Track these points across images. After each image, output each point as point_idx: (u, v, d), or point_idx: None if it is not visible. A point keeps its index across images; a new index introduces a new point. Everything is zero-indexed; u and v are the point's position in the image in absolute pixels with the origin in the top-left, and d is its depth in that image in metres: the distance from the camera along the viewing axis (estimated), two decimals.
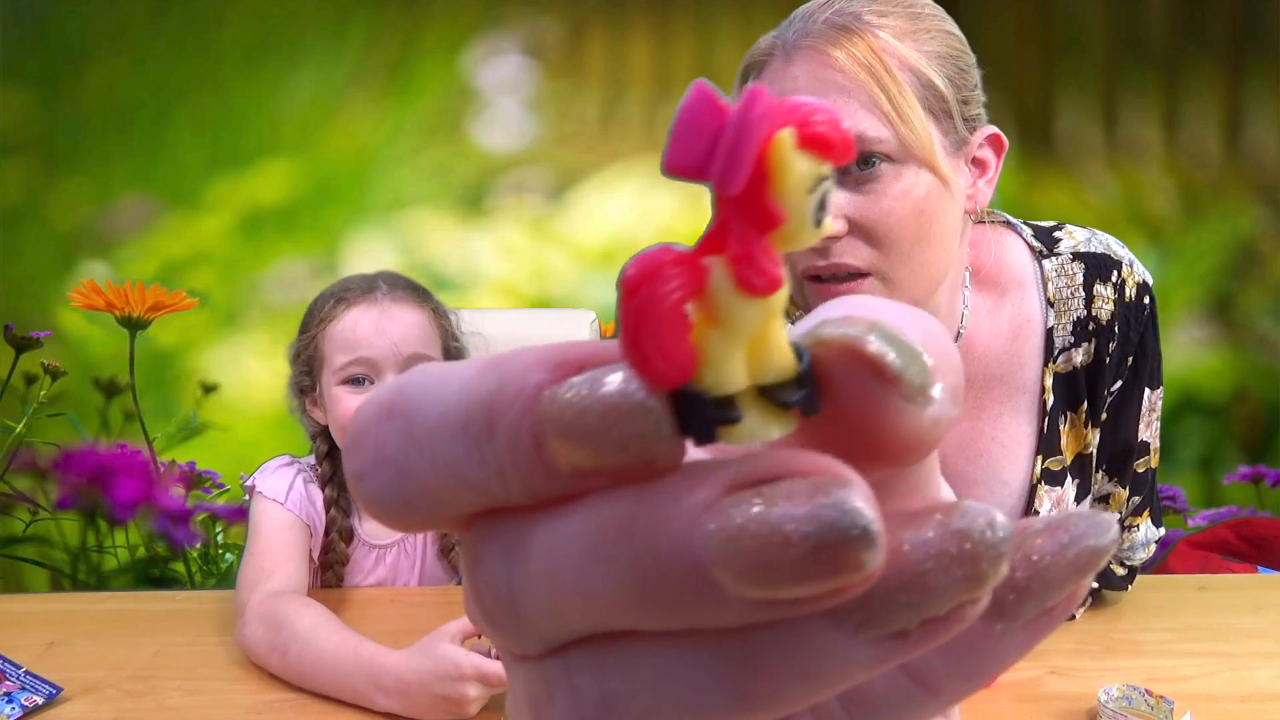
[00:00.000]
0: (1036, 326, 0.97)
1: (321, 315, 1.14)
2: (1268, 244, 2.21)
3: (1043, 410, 0.97)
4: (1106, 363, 0.97)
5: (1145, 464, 1.03)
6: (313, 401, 1.18)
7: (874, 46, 0.82)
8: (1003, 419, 0.98)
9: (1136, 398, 1.00)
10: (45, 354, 2.12)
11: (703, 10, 2.13)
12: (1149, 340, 0.99)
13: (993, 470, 0.98)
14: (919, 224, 0.84)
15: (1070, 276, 0.98)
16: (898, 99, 0.82)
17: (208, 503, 2.16)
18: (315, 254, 2.14)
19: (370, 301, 1.13)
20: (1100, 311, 0.97)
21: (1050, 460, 0.98)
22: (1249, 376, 2.23)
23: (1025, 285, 0.98)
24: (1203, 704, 0.91)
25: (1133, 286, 0.98)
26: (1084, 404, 0.97)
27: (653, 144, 2.15)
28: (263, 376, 2.15)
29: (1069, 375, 0.97)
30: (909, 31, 0.84)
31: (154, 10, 2.09)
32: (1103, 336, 0.96)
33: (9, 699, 0.93)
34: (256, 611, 1.02)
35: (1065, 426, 0.98)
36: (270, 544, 1.10)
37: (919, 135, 0.82)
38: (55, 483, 2.14)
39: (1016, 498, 0.98)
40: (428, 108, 2.13)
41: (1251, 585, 1.28)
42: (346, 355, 1.11)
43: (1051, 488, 0.98)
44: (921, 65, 0.84)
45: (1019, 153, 2.16)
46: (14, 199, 2.11)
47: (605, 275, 2.13)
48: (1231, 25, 2.16)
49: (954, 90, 0.85)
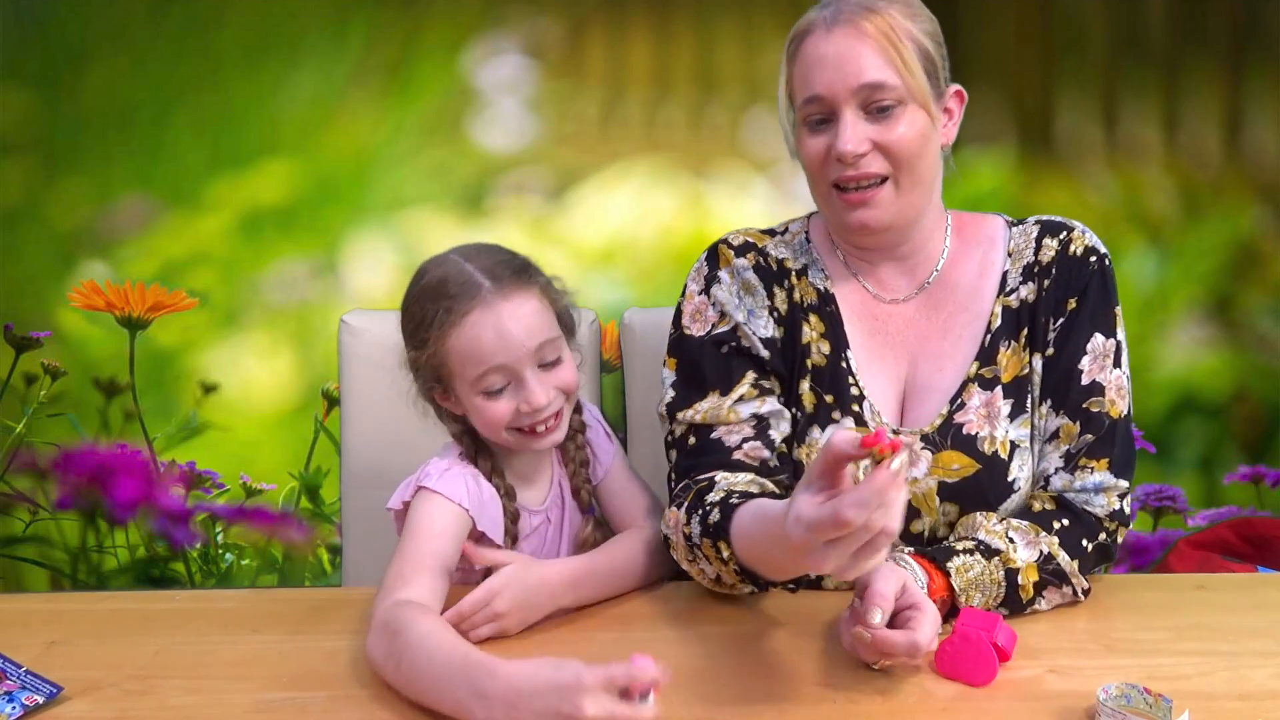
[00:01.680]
0: (997, 271, 1.25)
1: (434, 327, 1.10)
2: (1268, 244, 2.21)
3: (987, 330, 1.22)
4: (1044, 298, 1.21)
5: (1100, 406, 1.18)
6: (442, 395, 1.16)
7: (890, 23, 1.14)
8: (962, 340, 1.23)
9: (1081, 337, 1.19)
10: (45, 354, 2.13)
11: (703, 10, 2.13)
12: (1094, 290, 1.20)
13: (943, 375, 1.23)
14: (919, 145, 1.16)
15: (1029, 236, 1.25)
16: (909, 59, 1.14)
17: (208, 503, 2.16)
18: (315, 254, 2.14)
19: (483, 306, 1.09)
20: (1044, 256, 1.23)
21: (985, 369, 1.21)
22: (1249, 376, 2.23)
23: (996, 243, 1.26)
24: (1201, 702, 0.91)
25: (1079, 245, 1.22)
26: (1024, 331, 1.21)
27: (653, 144, 2.15)
28: (263, 376, 2.16)
29: (1017, 309, 1.22)
30: (910, 14, 1.17)
31: (154, 10, 2.09)
32: (1042, 276, 1.22)
33: (9, 698, 0.93)
34: (381, 619, 1.00)
35: (1007, 350, 1.21)
36: (422, 549, 1.08)
37: (920, 85, 1.15)
38: (55, 483, 2.14)
39: (947, 394, 1.21)
40: (428, 108, 2.14)
41: (1250, 585, 1.28)
42: (478, 368, 1.10)
43: (982, 390, 1.20)
44: (919, 36, 1.16)
45: (1019, 153, 2.16)
46: (14, 199, 2.11)
47: (605, 275, 2.13)
48: (1231, 25, 2.17)
49: (938, 56, 1.18)
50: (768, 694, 0.95)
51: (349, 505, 1.55)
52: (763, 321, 1.23)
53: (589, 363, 1.53)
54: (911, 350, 1.24)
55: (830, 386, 1.21)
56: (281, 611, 1.16)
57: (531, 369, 1.12)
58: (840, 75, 1.13)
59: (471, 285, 1.10)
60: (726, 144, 2.14)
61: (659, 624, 1.11)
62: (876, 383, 1.22)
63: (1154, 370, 2.20)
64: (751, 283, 1.24)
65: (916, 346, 1.24)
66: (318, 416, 2.14)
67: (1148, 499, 2.20)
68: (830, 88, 1.13)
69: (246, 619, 1.14)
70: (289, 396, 2.16)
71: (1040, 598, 1.11)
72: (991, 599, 1.08)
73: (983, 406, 1.19)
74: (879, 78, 1.12)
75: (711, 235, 1.30)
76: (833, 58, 1.13)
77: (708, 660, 1.01)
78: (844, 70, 1.13)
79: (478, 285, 1.10)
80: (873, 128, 1.14)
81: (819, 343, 1.22)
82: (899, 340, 1.24)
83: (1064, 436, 1.18)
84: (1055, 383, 1.19)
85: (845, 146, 1.13)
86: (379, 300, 2.09)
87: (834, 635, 1.05)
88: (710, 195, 2.14)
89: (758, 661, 1.02)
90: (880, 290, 1.25)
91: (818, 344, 1.23)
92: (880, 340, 1.24)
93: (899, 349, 1.24)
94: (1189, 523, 2.20)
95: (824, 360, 1.22)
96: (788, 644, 1.05)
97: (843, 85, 1.13)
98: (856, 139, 1.13)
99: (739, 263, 1.25)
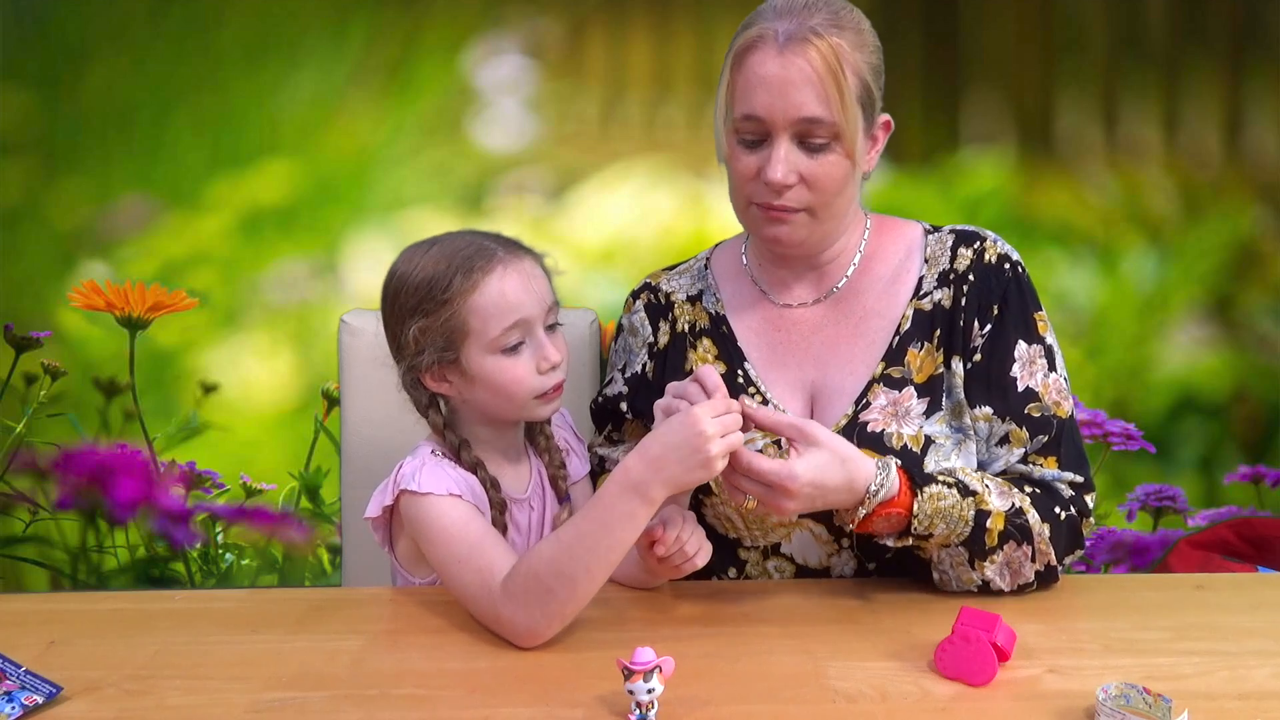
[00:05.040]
0: (913, 276, 1.27)
1: (452, 289, 1.13)
2: (1268, 244, 2.21)
3: (896, 332, 1.25)
4: (963, 303, 1.23)
5: (1040, 409, 1.21)
6: (437, 376, 1.16)
7: (838, 54, 1.14)
8: (873, 345, 1.25)
9: (1007, 345, 1.22)
10: (45, 354, 2.13)
11: (703, 10, 2.13)
12: (1012, 298, 1.24)
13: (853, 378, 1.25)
14: (841, 183, 1.18)
15: (944, 243, 1.28)
16: (848, 95, 1.14)
17: (208, 503, 2.16)
18: (315, 254, 2.14)
19: (503, 264, 1.14)
20: (959, 264, 1.25)
21: (892, 368, 1.24)
22: (1249, 376, 2.23)
23: (913, 251, 1.29)
24: (1201, 702, 0.91)
25: (993, 254, 1.26)
26: (938, 332, 1.24)
27: (653, 144, 2.15)
28: (263, 376, 2.16)
29: (930, 312, 1.25)
30: (859, 43, 1.17)
31: (154, 10, 2.09)
32: (959, 283, 1.24)
33: (9, 698, 0.93)
34: (507, 604, 1.04)
35: (919, 351, 1.24)
36: (469, 540, 1.09)
37: (854, 123, 1.16)
38: (55, 483, 2.14)
39: (853, 396, 1.24)
40: (428, 108, 2.14)
41: (1250, 584, 1.29)
42: (503, 321, 1.12)
43: (889, 390, 1.22)
44: (863, 69, 1.16)
45: (1019, 153, 2.16)
46: (14, 199, 2.11)
47: (605, 275, 2.13)
48: (1231, 25, 2.17)
49: (876, 88, 1.19)
50: (768, 694, 0.95)
51: (349, 505, 1.55)
52: (639, 360, 1.34)
53: (589, 362, 1.53)
54: (818, 355, 1.27)
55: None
56: (281, 611, 1.16)
57: (542, 328, 1.15)
58: (782, 103, 1.14)
59: (487, 249, 1.15)
60: None
61: (659, 624, 1.11)
62: (778, 389, 1.26)
63: (1154, 370, 2.20)
64: (636, 325, 1.35)
65: (824, 351, 1.27)
66: (318, 416, 2.14)
67: (1148, 499, 2.20)
68: (770, 112, 1.14)
69: (246, 619, 1.14)
70: (289, 396, 2.16)
71: (999, 549, 1.13)
72: (955, 534, 1.11)
73: (890, 405, 1.21)
74: (818, 113, 1.13)
75: (711, 235, 1.32)
76: (777, 83, 1.14)
77: (708, 660, 1.01)
78: (786, 99, 1.13)
79: (493, 249, 1.15)
80: (803, 159, 1.16)
81: (714, 364, 1.28)
82: (803, 346, 1.27)
83: (1015, 441, 1.20)
84: (991, 389, 1.22)
85: (775, 176, 1.15)
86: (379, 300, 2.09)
87: (834, 635, 1.06)
88: (710, 195, 2.14)
89: (758, 661, 1.02)
90: (786, 297, 1.29)
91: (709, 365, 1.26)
92: (783, 349, 1.28)
93: (803, 354, 1.27)
94: (1189, 523, 2.20)
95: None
96: (787, 644, 1.05)
97: (782, 114, 1.14)
98: (786, 170, 1.15)
99: (635, 306, 1.36)
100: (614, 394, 1.34)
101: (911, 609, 1.13)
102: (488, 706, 0.94)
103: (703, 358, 1.29)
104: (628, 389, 1.33)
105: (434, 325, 1.13)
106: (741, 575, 1.26)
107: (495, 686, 0.97)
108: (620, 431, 1.35)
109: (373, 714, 0.93)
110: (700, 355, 1.30)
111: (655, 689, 0.88)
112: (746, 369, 1.27)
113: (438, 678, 0.99)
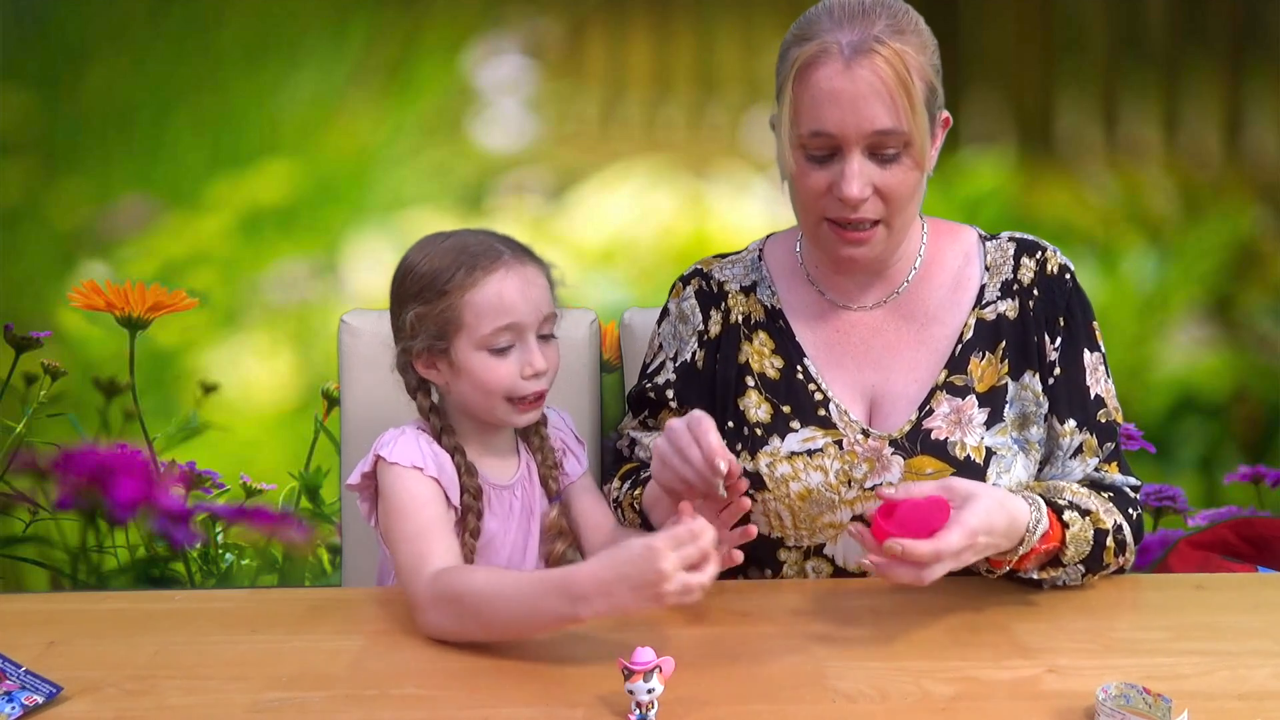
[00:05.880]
0: (973, 284, 1.27)
1: (454, 280, 1.16)
2: (1268, 244, 2.21)
3: (959, 340, 1.24)
4: (1031, 316, 1.24)
5: (1106, 415, 1.24)
6: (427, 363, 1.19)
7: (905, 60, 1.11)
8: (936, 352, 1.25)
9: (1077, 355, 1.24)
10: (45, 354, 2.13)
11: (703, 10, 2.13)
12: (1075, 309, 1.25)
13: (916, 384, 1.24)
14: (914, 189, 1.17)
15: (1004, 251, 1.28)
16: (916, 106, 1.12)
17: (208, 503, 2.16)
18: (315, 254, 2.14)
19: (506, 267, 1.17)
20: (1023, 275, 1.26)
21: (955, 376, 1.23)
22: (1249, 376, 2.22)
23: (971, 257, 1.29)
24: (1200, 702, 0.91)
25: (1054, 265, 1.26)
26: (1003, 344, 1.23)
27: (653, 144, 2.15)
28: (262, 376, 2.16)
29: (994, 322, 1.25)
30: (921, 46, 1.14)
31: (154, 10, 2.09)
32: (1024, 296, 1.25)
33: (9, 698, 0.93)
34: (430, 598, 1.05)
35: (980, 361, 1.24)
36: (419, 521, 1.11)
37: (923, 129, 1.13)
38: (55, 483, 2.14)
39: (915, 402, 1.24)
40: (428, 108, 2.13)
41: (1250, 584, 1.29)
42: (496, 322, 1.15)
43: (951, 397, 1.22)
44: (929, 75, 1.15)
45: (1019, 153, 2.16)
46: (14, 199, 2.11)
47: (605, 275, 2.13)
48: (1231, 25, 2.16)
49: (939, 85, 1.17)
50: (768, 694, 0.95)
51: (349, 505, 1.55)
52: (689, 348, 1.32)
53: (589, 363, 1.53)
54: (879, 359, 1.26)
55: (787, 397, 1.24)
56: (281, 611, 1.16)
57: (534, 336, 1.17)
58: (855, 118, 1.11)
59: (494, 249, 1.18)
60: (726, 144, 2.14)
61: (659, 624, 1.11)
62: (837, 388, 1.25)
63: (1154, 370, 2.20)
64: (686, 312, 1.33)
65: (885, 355, 1.26)
66: (318, 416, 2.14)
67: (1148, 499, 2.20)
68: (842, 128, 1.12)
69: (246, 619, 1.14)
70: (289, 396, 2.16)
71: (1111, 564, 1.15)
72: (1079, 555, 1.12)
73: (953, 413, 1.21)
74: (890, 125, 1.11)
75: (711, 235, 1.32)
76: (847, 97, 1.11)
77: (708, 660, 1.01)
78: (859, 113, 1.11)
79: (500, 250, 1.19)
80: (875, 171, 1.14)
81: (769, 358, 1.26)
82: (863, 349, 1.26)
83: (1088, 450, 1.22)
84: (1073, 401, 1.23)
85: (852, 192, 1.13)
86: (379, 300, 2.08)
87: (834, 635, 1.06)
88: (710, 195, 2.14)
89: (758, 661, 1.02)
90: (844, 299, 1.28)
91: (768, 359, 1.26)
92: (840, 350, 1.26)
93: (863, 357, 1.26)
94: (1189, 523, 2.19)
95: (778, 374, 1.25)
96: (787, 644, 1.05)
97: (855, 129, 1.11)
98: (862, 185, 1.13)
99: (685, 292, 1.35)
100: (663, 382, 1.33)
101: (912, 609, 1.13)
102: (488, 706, 0.94)
103: (759, 351, 1.27)
104: (676, 377, 1.32)
105: (431, 313, 1.16)
106: (777, 576, 1.25)
107: (495, 686, 0.97)
108: (657, 419, 1.34)
109: (372, 714, 0.93)
110: (756, 349, 1.28)
111: (655, 689, 0.88)
112: (806, 365, 1.26)
113: (438, 678, 0.99)
